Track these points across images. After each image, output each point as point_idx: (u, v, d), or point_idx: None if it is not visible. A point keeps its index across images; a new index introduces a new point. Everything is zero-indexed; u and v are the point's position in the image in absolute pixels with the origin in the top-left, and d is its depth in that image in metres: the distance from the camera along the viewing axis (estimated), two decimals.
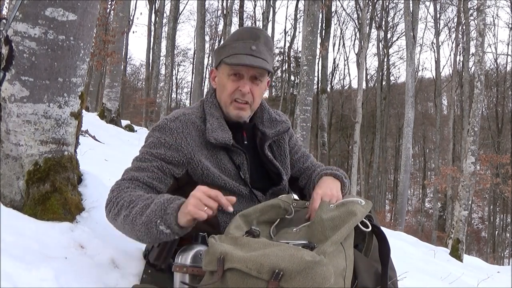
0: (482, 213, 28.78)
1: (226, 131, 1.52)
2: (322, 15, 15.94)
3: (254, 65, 1.49)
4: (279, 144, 1.67)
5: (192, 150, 1.48)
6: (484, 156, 11.75)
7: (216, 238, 1.18)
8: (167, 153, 1.46)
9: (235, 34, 1.57)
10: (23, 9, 1.68)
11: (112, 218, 1.39)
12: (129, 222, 1.31)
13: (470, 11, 17.66)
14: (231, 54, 1.50)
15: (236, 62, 1.49)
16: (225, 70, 1.54)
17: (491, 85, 24.59)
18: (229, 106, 1.55)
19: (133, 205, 1.32)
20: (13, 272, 1.32)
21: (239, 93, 1.52)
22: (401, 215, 14.15)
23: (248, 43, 1.51)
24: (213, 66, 1.66)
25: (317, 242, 1.17)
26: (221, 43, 1.61)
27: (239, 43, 1.51)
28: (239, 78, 1.52)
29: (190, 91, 28.67)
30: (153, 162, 1.45)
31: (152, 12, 24.23)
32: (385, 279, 1.31)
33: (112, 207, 1.37)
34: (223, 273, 1.10)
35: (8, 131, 1.72)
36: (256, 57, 1.50)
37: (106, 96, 10.18)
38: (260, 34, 1.54)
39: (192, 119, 1.53)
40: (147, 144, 1.51)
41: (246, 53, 1.49)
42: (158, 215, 1.26)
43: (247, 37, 1.52)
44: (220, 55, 1.55)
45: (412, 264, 4.15)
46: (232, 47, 1.52)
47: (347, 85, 30.01)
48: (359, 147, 16.05)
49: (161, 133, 1.49)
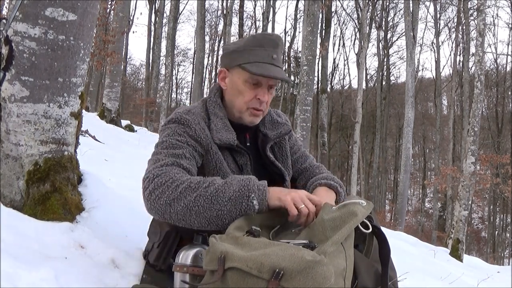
0: (482, 213, 28.79)
1: (230, 131, 1.52)
2: (322, 15, 15.94)
3: (279, 77, 1.48)
4: (280, 145, 1.67)
5: (210, 142, 1.47)
6: (484, 156, 11.74)
7: (216, 238, 1.18)
8: (191, 142, 1.44)
9: (255, 40, 1.52)
10: (23, 9, 1.68)
11: (166, 203, 1.28)
12: (206, 201, 1.26)
13: (470, 11, 17.67)
14: (253, 61, 1.47)
15: (260, 72, 1.46)
16: (242, 75, 1.51)
17: (491, 85, 24.59)
18: (245, 112, 1.53)
19: (207, 185, 1.28)
20: (13, 272, 1.32)
21: (257, 102, 1.51)
22: (401, 215, 14.15)
23: (269, 51, 1.49)
24: (220, 65, 1.62)
25: (318, 242, 1.17)
26: (236, 45, 1.55)
27: (260, 50, 1.49)
28: (257, 86, 1.51)
29: (190, 91, 28.69)
30: (185, 149, 1.41)
31: (152, 12, 24.25)
32: (385, 279, 1.31)
33: (167, 191, 1.28)
34: (224, 272, 1.10)
35: (8, 131, 1.72)
36: (277, 67, 1.49)
37: (106, 96, 10.18)
38: (279, 42, 1.53)
39: (201, 115, 1.52)
40: (166, 134, 1.46)
41: (268, 62, 1.48)
42: (252, 189, 1.27)
43: (268, 45, 1.50)
44: (237, 59, 1.51)
45: (412, 264, 4.15)
46: (253, 54, 1.48)
47: (347, 85, 30.07)
48: (359, 147, 16.05)
49: (178, 124, 1.47)
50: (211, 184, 1.29)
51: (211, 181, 1.30)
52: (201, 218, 1.27)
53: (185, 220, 1.29)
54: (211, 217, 1.27)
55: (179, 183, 1.29)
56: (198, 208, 1.27)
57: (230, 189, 1.28)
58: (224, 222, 1.27)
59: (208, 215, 1.27)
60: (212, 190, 1.27)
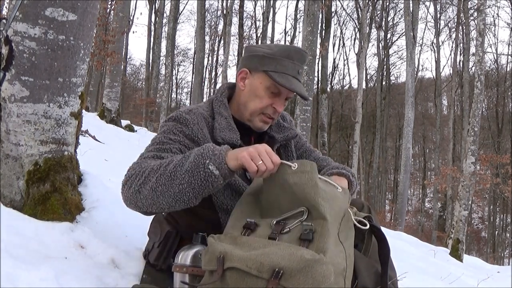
0: (482, 213, 28.79)
1: (234, 131, 1.52)
2: (322, 15, 15.93)
3: (300, 92, 1.50)
4: (286, 147, 1.68)
5: (207, 142, 1.46)
6: (484, 156, 11.74)
7: (215, 238, 1.18)
8: (185, 141, 1.44)
9: (285, 50, 1.52)
10: (23, 9, 1.68)
11: (135, 191, 1.29)
12: (167, 179, 1.25)
13: (470, 11, 17.66)
14: (280, 71, 1.49)
15: (286, 85, 1.47)
16: (265, 81, 1.51)
17: (491, 85, 24.57)
18: (256, 117, 1.54)
19: (167, 164, 1.28)
20: (13, 272, 1.32)
21: (271, 110, 1.53)
22: (401, 215, 14.15)
23: (297, 66, 1.51)
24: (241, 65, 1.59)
25: (310, 207, 1.16)
26: (265, 50, 1.53)
27: (289, 62, 1.50)
28: (276, 95, 1.52)
29: (190, 91, 28.67)
30: (173, 145, 1.42)
31: (152, 12, 24.24)
32: (385, 279, 1.31)
33: (135, 179, 1.30)
34: (223, 273, 1.10)
35: (8, 131, 1.72)
36: (299, 82, 1.52)
37: (106, 96, 10.18)
38: (306, 58, 1.56)
39: (204, 114, 1.52)
40: (162, 131, 1.47)
41: (293, 75, 1.50)
42: (206, 156, 1.24)
43: (297, 59, 1.51)
44: (264, 64, 1.51)
45: (412, 264, 4.15)
46: (281, 64, 1.49)
47: (347, 85, 30.05)
48: (359, 147, 16.06)
49: (176, 122, 1.47)
50: (171, 161, 1.28)
51: (171, 159, 1.30)
52: (167, 197, 1.27)
53: (154, 204, 1.29)
54: (175, 194, 1.26)
55: (145, 169, 1.30)
56: (162, 187, 1.26)
57: (187, 161, 1.26)
58: (189, 196, 1.26)
59: (172, 192, 1.26)
60: (171, 167, 1.27)
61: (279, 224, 1.18)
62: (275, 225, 1.18)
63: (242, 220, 1.23)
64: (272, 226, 1.18)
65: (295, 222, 1.17)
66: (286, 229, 1.16)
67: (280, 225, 1.18)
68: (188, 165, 1.25)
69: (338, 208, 1.21)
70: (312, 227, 1.13)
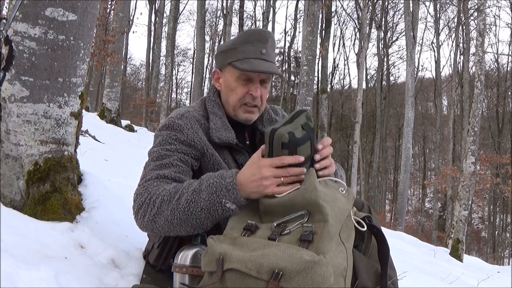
0: (482, 213, 28.78)
1: (229, 130, 1.52)
2: (322, 15, 15.94)
3: (268, 71, 1.48)
4: None
5: (204, 145, 1.47)
6: (484, 156, 11.75)
7: (214, 239, 1.18)
8: (182, 148, 1.44)
9: (243, 36, 1.53)
10: (23, 9, 1.68)
11: (150, 220, 1.31)
12: (181, 214, 1.27)
13: (470, 11, 17.66)
14: (242, 58, 1.48)
15: (249, 68, 1.46)
16: (234, 73, 1.52)
17: (491, 85, 24.58)
18: (238, 109, 1.54)
19: (178, 196, 1.28)
20: (13, 272, 1.32)
21: (249, 98, 1.52)
22: (401, 215, 14.15)
23: (258, 47, 1.49)
24: (214, 66, 1.63)
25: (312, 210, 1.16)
26: (226, 44, 1.57)
27: (248, 46, 1.49)
28: (248, 82, 1.51)
29: (190, 91, 28.69)
30: (172, 157, 1.42)
31: (152, 12, 24.24)
32: (385, 279, 1.31)
33: (148, 209, 1.31)
34: (223, 274, 1.09)
35: (8, 131, 1.72)
36: (267, 61, 1.49)
37: (106, 96, 10.19)
38: (268, 36, 1.53)
39: (196, 117, 1.52)
40: (158, 143, 1.47)
41: (257, 57, 1.48)
42: (220, 195, 1.25)
43: (257, 40, 1.50)
44: (227, 58, 1.52)
45: (412, 264, 4.15)
46: (241, 51, 1.49)
47: (347, 85, 30.08)
48: (359, 147, 16.05)
49: (170, 130, 1.47)
50: (182, 194, 1.28)
51: (181, 191, 1.29)
52: (185, 227, 1.30)
53: (172, 231, 1.32)
54: (193, 225, 1.29)
55: (155, 197, 1.31)
56: (178, 220, 1.28)
57: (200, 198, 1.26)
58: (208, 225, 1.30)
59: (190, 224, 1.29)
60: (183, 202, 1.27)
61: (279, 227, 1.18)
62: (275, 227, 1.18)
63: (242, 223, 1.23)
64: (272, 228, 1.18)
65: (296, 224, 1.16)
66: (286, 230, 1.15)
67: (280, 227, 1.17)
68: (203, 203, 1.26)
69: (339, 209, 1.20)
70: (312, 228, 1.13)
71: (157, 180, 1.36)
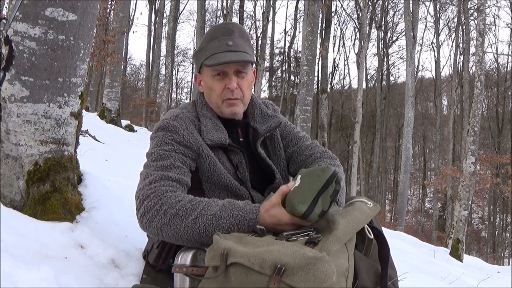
0: (482, 213, 28.78)
1: (221, 131, 1.52)
2: (322, 15, 15.94)
3: (234, 60, 1.48)
4: (272, 138, 1.66)
5: (200, 145, 1.47)
6: (484, 156, 11.75)
7: (220, 236, 1.19)
8: (179, 148, 1.44)
9: (209, 34, 1.55)
10: (23, 9, 1.68)
11: (158, 228, 1.31)
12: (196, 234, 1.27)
13: (470, 11, 17.66)
14: (209, 55, 1.50)
15: (216, 62, 1.48)
16: (208, 72, 1.53)
17: (491, 85, 24.59)
18: (221, 106, 1.54)
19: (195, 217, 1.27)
20: (13, 272, 1.32)
21: (227, 91, 1.52)
22: (401, 215, 14.15)
23: (223, 40, 1.50)
24: (196, 71, 1.65)
25: (323, 231, 1.18)
26: (198, 46, 1.59)
27: (214, 42, 1.51)
28: (223, 76, 1.52)
29: (190, 91, 28.67)
30: (173, 158, 1.42)
31: (152, 12, 24.24)
32: (385, 279, 1.31)
33: (157, 216, 1.30)
34: (226, 268, 1.10)
35: (8, 131, 1.72)
36: (234, 52, 1.49)
37: (106, 96, 10.18)
38: (233, 28, 1.54)
39: (190, 118, 1.53)
40: (154, 144, 1.47)
41: (223, 50, 1.49)
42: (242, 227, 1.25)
43: (221, 34, 1.51)
44: (199, 59, 1.55)
45: (412, 264, 4.15)
46: (209, 48, 1.51)
47: (347, 85, 30.09)
48: (359, 147, 16.06)
49: (165, 131, 1.48)
50: (200, 216, 1.27)
51: (199, 212, 1.28)
52: (193, 243, 1.31)
53: (177, 242, 1.33)
54: (203, 242, 1.29)
55: (167, 207, 1.30)
56: (189, 237, 1.29)
57: (219, 225, 1.26)
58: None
59: (200, 241, 1.29)
60: (200, 223, 1.27)
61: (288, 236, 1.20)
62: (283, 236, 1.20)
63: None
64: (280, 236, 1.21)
65: (304, 234, 1.18)
66: (293, 238, 1.18)
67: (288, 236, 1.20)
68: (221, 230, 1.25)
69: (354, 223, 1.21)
70: (320, 238, 1.15)
71: (165, 182, 1.36)
